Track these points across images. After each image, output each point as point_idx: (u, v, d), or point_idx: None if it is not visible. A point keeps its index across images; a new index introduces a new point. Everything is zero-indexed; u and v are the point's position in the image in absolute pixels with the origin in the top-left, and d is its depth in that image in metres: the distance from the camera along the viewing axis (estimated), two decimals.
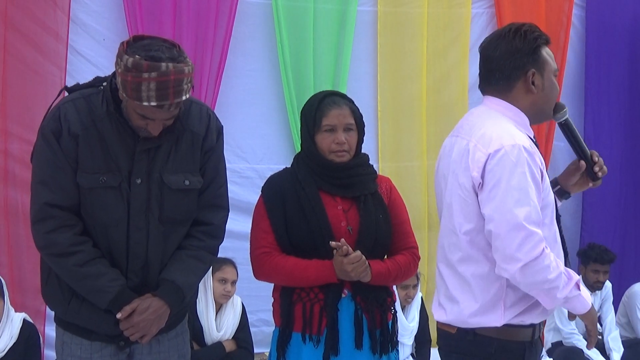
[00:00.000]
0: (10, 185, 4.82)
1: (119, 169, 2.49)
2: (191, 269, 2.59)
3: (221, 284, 4.57)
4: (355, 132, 2.88)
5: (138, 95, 2.32)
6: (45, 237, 2.47)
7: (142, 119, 2.42)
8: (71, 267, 2.46)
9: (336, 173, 2.86)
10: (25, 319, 4.37)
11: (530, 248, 2.24)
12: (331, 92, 3.02)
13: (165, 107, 2.36)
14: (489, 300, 2.36)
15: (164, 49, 2.36)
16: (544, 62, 2.43)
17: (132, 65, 2.31)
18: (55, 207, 2.46)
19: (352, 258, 2.70)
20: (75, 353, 2.57)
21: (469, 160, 2.35)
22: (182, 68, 2.35)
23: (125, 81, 2.33)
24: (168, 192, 2.54)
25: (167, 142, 2.54)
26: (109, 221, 2.49)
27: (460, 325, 2.41)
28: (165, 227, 2.55)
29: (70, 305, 2.53)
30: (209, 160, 2.65)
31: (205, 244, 2.63)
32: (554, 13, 6.09)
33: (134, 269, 2.53)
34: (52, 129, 2.47)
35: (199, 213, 2.63)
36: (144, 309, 2.50)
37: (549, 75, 2.45)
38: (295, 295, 2.81)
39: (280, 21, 5.34)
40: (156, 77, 2.30)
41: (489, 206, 2.30)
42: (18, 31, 4.80)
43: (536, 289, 2.30)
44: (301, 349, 2.80)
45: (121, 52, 2.36)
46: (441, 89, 5.88)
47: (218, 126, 2.71)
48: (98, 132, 2.48)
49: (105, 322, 2.52)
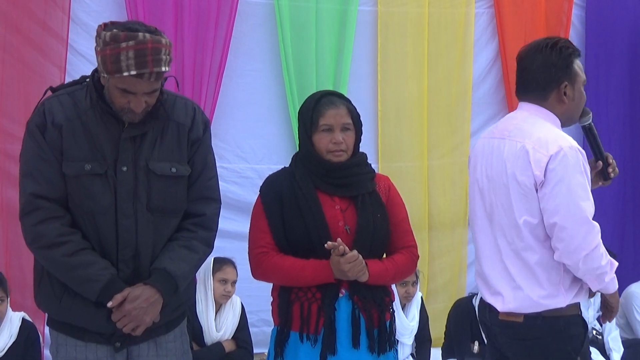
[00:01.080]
0: (9, 185, 4.82)
1: (104, 157, 2.51)
2: (182, 258, 2.58)
3: (221, 284, 4.57)
4: (352, 131, 2.88)
5: (117, 66, 2.38)
6: (32, 229, 2.49)
7: (124, 95, 2.45)
8: (60, 257, 2.46)
9: (334, 173, 2.86)
10: (24, 318, 4.36)
11: (592, 239, 2.56)
12: (328, 91, 3.03)
13: (145, 76, 2.40)
14: (553, 285, 2.65)
15: (140, 24, 2.46)
16: (575, 75, 2.72)
17: (110, 39, 2.38)
18: (42, 199, 2.48)
19: (348, 257, 2.70)
20: (70, 355, 2.56)
21: (529, 161, 2.61)
22: (159, 39, 2.42)
23: (105, 56, 2.39)
24: (155, 179, 2.56)
25: (153, 132, 2.57)
26: (97, 209, 2.50)
27: (527, 310, 2.66)
28: (154, 216, 2.56)
29: (62, 302, 2.53)
30: (196, 152, 2.66)
31: (197, 235, 2.64)
32: (554, 13, 6.09)
33: (124, 259, 2.53)
34: (37, 123, 2.51)
35: (190, 205, 2.65)
36: (136, 296, 2.49)
37: (579, 86, 2.74)
38: (293, 295, 2.82)
39: (282, 21, 5.34)
40: (134, 45, 2.37)
41: (552, 201, 2.57)
42: (18, 31, 4.80)
43: (591, 274, 2.62)
44: (299, 348, 2.80)
45: (99, 31, 2.43)
46: (442, 89, 5.87)
47: (204, 119, 2.73)
48: (82, 123, 2.51)
49: (98, 318, 2.51)
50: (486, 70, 6.04)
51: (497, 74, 6.06)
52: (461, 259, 6.01)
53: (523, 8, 5.96)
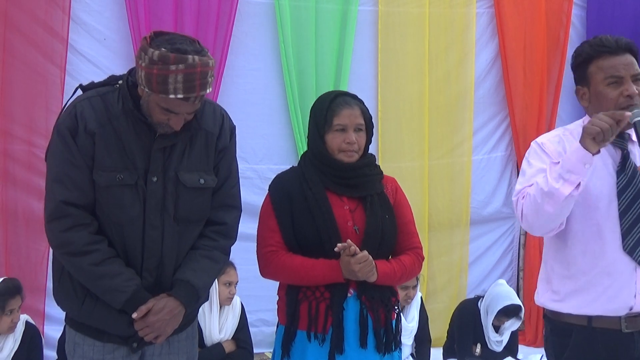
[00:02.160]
0: (9, 185, 4.81)
1: (135, 167, 2.48)
2: (205, 269, 2.59)
3: (227, 287, 4.55)
4: (364, 132, 2.90)
5: (165, 88, 2.33)
6: (60, 235, 2.46)
7: (165, 113, 2.42)
8: (87, 266, 2.45)
9: (343, 173, 2.87)
10: (28, 321, 4.32)
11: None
12: (342, 92, 3.03)
13: (191, 99, 2.37)
14: None
15: (187, 42, 2.39)
16: (589, 76, 2.67)
17: (158, 58, 2.31)
18: (71, 206, 2.45)
19: (359, 258, 2.71)
20: (87, 354, 2.56)
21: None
22: (207, 61, 2.37)
23: (151, 74, 2.33)
24: (183, 191, 2.54)
25: (182, 141, 2.54)
26: (125, 219, 2.48)
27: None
28: (180, 226, 2.55)
29: (84, 306, 2.52)
30: (222, 160, 2.65)
31: (218, 244, 2.64)
32: (554, 13, 6.09)
33: (148, 268, 2.52)
34: (68, 126, 2.46)
35: (212, 213, 2.64)
36: (160, 309, 2.49)
37: (595, 87, 2.65)
38: (301, 294, 2.82)
39: (283, 21, 5.34)
40: (184, 69, 2.31)
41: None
42: (18, 30, 4.79)
43: (538, 209, 2.51)
44: (306, 347, 2.80)
45: (145, 46, 2.36)
46: (442, 89, 5.88)
47: (231, 126, 2.71)
48: (114, 129, 2.47)
49: (119, 323, 2.51)
50: (486, 70, 6.04)
51: (497, 74, 6.07)
52: (461, 259, 6.01)
53: (523, 8, 5.97)
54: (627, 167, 2.61)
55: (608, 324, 2.57)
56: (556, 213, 2.49)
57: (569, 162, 2.45)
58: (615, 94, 2.60)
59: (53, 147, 2.50)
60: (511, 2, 5.97)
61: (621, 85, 2.60)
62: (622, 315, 2.56)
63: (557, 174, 2.46)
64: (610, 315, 2.56)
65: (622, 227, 2.56)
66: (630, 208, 2.56)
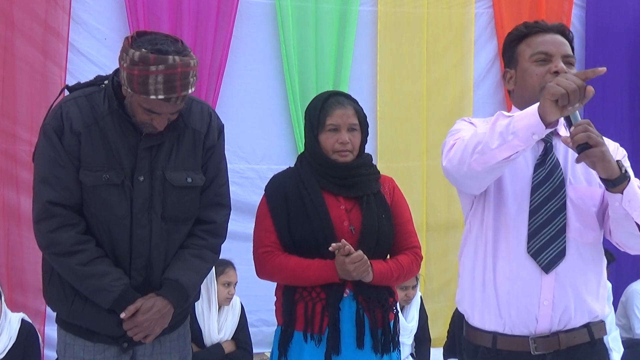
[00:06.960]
0: (9, 185, 4.82)
1: (122, 167, 2.49)
2: (194, 268, 2.59)
3: (225, 287, 4.56)
4: (359, 132, 2.89)
5: (145, 89, 2.33)
6: (47, 236, 2.47)
7: (148, 114, 2.42)
8: (74, 266, 2.45)
9: (339, 173, 2.87)
10: (24, 319, 4.31)
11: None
12: (335, 92, 3.03)
13: (172, 100, 2.37)
14: None
15: (169, 42, 2.38)
16: (518, 56, 2.38)
17: (139, 59, 2.31)
18: (58, 206, 2.45)
19: (353, 258, 2.71)
20: (78, 355, 2.56)
21: None
22: (188, 61, 2.37)
23: (132, 75, 2.33)
24: (170, 190, 2.54)
25: (169, 140, 2.54)
26: (112, 219, 2.49)
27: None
28: (167, 225, 2.55)
29: (73, 306, 2.53)
30: (210, 159, 2.66)
31: (207, 243, 2.64)
32: (554, 13, 6.09)
33: (137, 267, 2.52)
34: (54, 127, 2.47)
35: (201, 212, 2.64)
36: (148, 308, 2.50)
37: (522, 65, 2.36)
38: (297, 295, 2.82)
39: (283, 21, 5.34)
40: (164, 69, 2.31)
41: None
42: (19, 30, 4.80)
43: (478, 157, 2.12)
44: (303, 348, 2.80)
45: (126, 46, 2.36)
46: (441, 89, 5.88)
47: (219, 124, 2.72)
48: (100, 129, 2.48)
49: (109, 323, 2.52)
50: (485, 71, 6.05)
51: (497, 74, 6.07)
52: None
53: (523, 8, 5.97)
54: (548, 162, 2.27)
55: (515, 345, 2.23)
56: (482, 174, 2.15)
57: (518, 123, 2.02)
58: (541, 70, 2.28)
59: (40, 148, 2.51)
60: (510, 2, 5.98)
61: (550, 63, 2.29)
62: (531, 336, 2.23)
63: (498, 132, 2.05)
64: (517, 335, 2.23)
65: (529, 227, 2.23)
66: (542, 207, 2.23)
